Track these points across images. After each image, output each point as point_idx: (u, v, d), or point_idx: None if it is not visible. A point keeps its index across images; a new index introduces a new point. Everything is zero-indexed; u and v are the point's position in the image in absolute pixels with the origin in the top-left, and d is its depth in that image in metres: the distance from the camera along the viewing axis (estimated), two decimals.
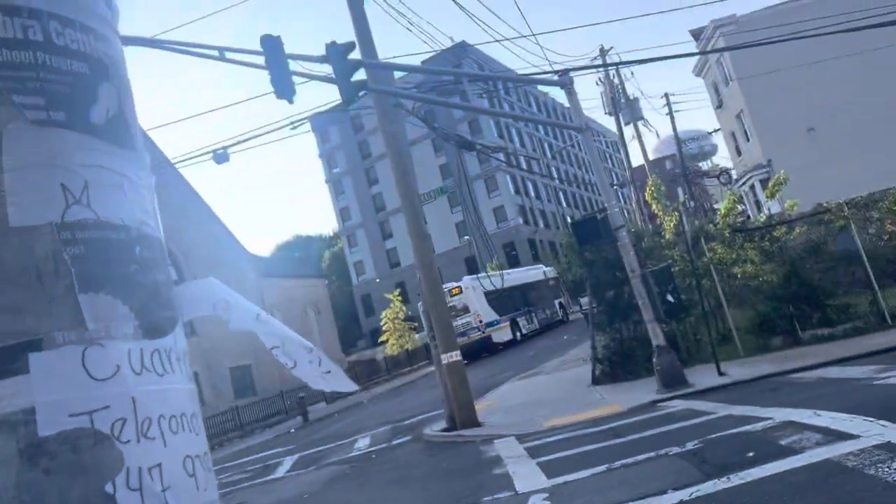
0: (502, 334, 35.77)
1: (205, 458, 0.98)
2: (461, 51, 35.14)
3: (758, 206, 32.71)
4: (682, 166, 41.86)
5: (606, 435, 9.76)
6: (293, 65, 11.45)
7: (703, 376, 12.68)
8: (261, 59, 11.18)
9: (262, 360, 37.53)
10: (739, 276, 15.49)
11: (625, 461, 7.67)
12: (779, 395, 9.96)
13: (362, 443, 15.97)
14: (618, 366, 15.27)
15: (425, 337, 27.75)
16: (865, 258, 13.91)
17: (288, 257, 77.93)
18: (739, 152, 37.65)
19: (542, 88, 73.74)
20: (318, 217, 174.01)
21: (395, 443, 14.73)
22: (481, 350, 34.65)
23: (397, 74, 22.96)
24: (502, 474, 8.85)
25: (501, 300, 35.61)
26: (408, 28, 41.16)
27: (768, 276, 14.93)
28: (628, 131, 34.19)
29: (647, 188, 20.84)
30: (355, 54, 12.22)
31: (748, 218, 25.54)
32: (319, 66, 11.80)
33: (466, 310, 34.69)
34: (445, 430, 13.92)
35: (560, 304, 43.84)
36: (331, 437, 19.52)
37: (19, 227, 0.95)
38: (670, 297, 13.23)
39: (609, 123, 37.75)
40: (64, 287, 0.92)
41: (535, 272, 43.55)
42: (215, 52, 12.06)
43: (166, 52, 12.64)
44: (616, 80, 32.20)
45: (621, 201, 58.60)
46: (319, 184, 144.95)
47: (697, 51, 33.57)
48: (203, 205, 42.36)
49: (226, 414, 31.70)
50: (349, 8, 14.92)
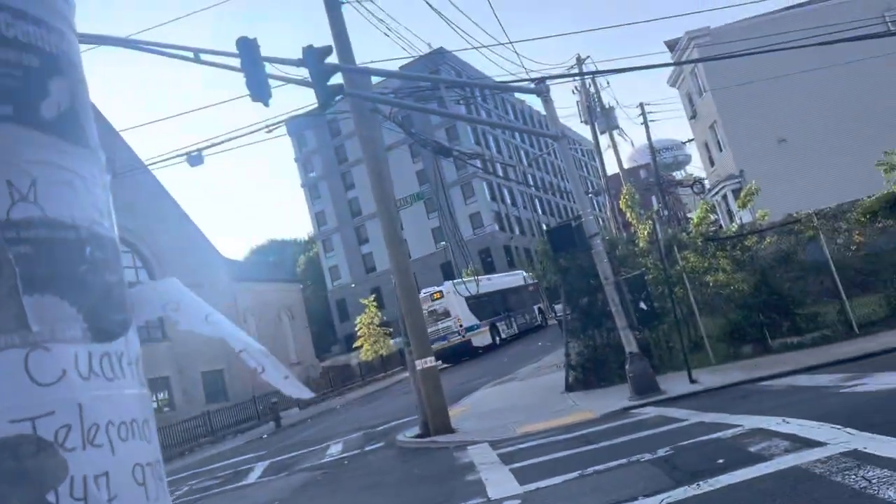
0: (482, 338, 36.04)
1: (156, 467, 0.94)
2: (439, 57, 35.27)
3: (730, 215, 33.15)
4: (657, 175, 42.32)
5: (579, 441, 9.80)
6: (269, 68, 11.36)
7: (675, 383, 12.79)
8: (237, 62, 11.09)
9: (235, 365, 37.13)
10: (711, 284, 15.66)
11: (597, 468, 7.70)
12: (749, 402, 10.08)
13: (335, 449, 15.86)
14: (591, 372, 15.34)
15: (400, 343, 27.72)
16: (834, 268, 14.16)
17: (262, 261, 77.35)
18: (712, 162, 38.11)
19: (519, 96, 74.30)
20: (294, 221, 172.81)
21: (367, 449, 14.64)
22: (461, 354, 35.04)
23: (375, 80, 22.89)
24: (475, 481, 8.83)
25: (482, 305, 36.07)
26: (385, 33, 41.18)
27: (739, 285, 15.12)
28: (604, 140, 34.50)
29: (622, 197, 21.04)
30: (332, 58, 12.18)
31: (720, 227, 25.82)
32: (296, 69, 11.75)
33: (447, 314, 35.02)
34: (419, 436, 13.87)
35: (539, 309, 44.22)
36: (303, 442, 19.36)
37: None
38: (643, 305, 13.34)
39: (585, 132, 38.08)
40: (7, 288, 0.88)
41: (515, 278, 44.00)
42: (190, 54, 11.93)
43: (140, 53, 12.48)
44: (592, 90, 32.48)
45: (596, 209, 59.12)
46: (295, 188, 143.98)
47: (672, 61, 33.97)
48: (176, 207, 41.91)
49: (197, 419, 31.29)
50: (326, 12, 14.88)
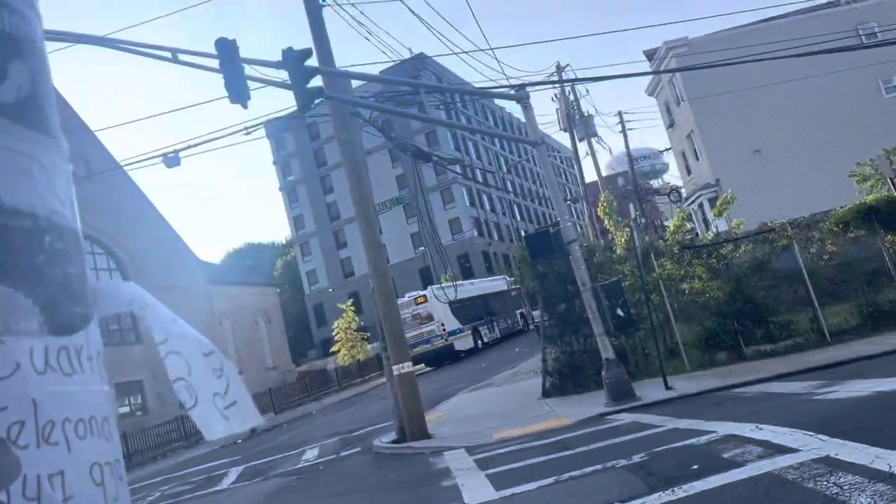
0: (464, 342, 36.40)
1: (116, 466, 0.91)
2: (419, 62, 35.28)
3: (706, 223, 33.50)
4: (634, 183, 42.74)
5: (555, 447, 9.80)
6: (249, 69, 11.29)
7: (650, 390, 12.86)
8: (215, 63, 10.99)
9: None
10: (687, 291, 15.80)
11: (572, 473, 7.70)
12: (723, 409, 10.16)
13: (310, 454, 15.72)
14: (568, 379, 15.38)
15: (377, 348, 27.60)
16: (807, 276, 14.36)
17: (239, 265, 76.68)
18: (689, 171, 38.52)
19: (499, 102, 74.50)
20: (272, 225, 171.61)
21: (343, 454, 14.53)
22: (444, 357, 35.38)
23: (355, 84, 22.84)
24: (451, 486, 8.79)
25: (465, 309, 36.59)
26: (366, 37, 41.13)
27: (715, 293, 15.28)
28: (582, 147, 34.81)
29: (600, 204, 21.16)
30: (312, 61, 12.11)
31: (697, 235, 26.10)
32: (276, 71, 11.68)
33: (431, 318, 35.32)
34: (395, 441, 13.80)
35: (521, 313, 44.51)
36: (278, 447, 19.18)
37: None
38: (620, 312, 13.41)
39: (564, 140, 38.28)
40: None
41: (498, 283, 44.39)
42: (168, 54, 11.81)
43: (118, 52, 12.32)
44: (571, 97, 32.69)
45: (574, 216, 59.48)
46: (273, 191, 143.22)
47: (650, 70, 34.32)
48: (152, 209, 41.37)
49: (171, 423, 30.85)
50: (307, 14, 14.80)
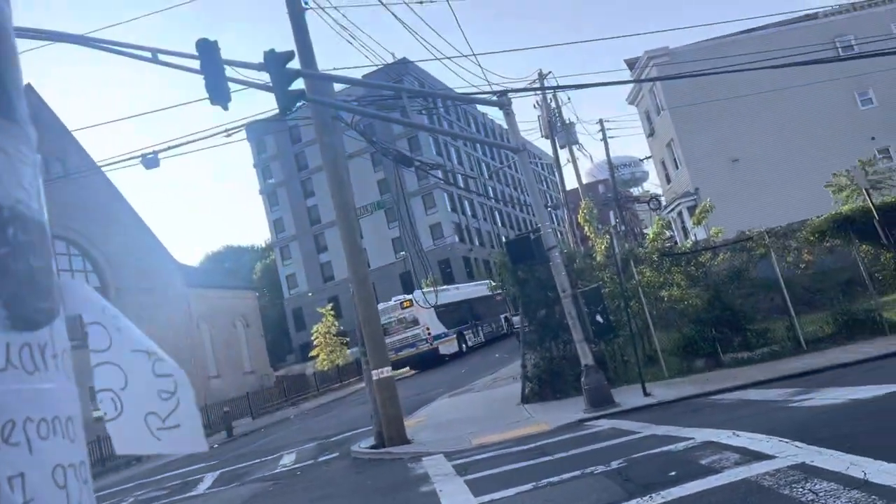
0: (449, 346, 36.59)
1: (80, 469, 0.87)
2: (402, 67, 35.28)
3: (685, 231, 33.82)
4: (615, 191, 43.07)
5: (534, 453, 9.79)
6: (230, 71, 11.20)
7: (629, 396, 12.92)
8: (196, 64, 10.89)
9: (185, 373, 36.24)
10: (666, 299, 15.91)
11: (551, 479, 7.69)
12: (700, 415, 10.23)
13: (288, 459, 15.59)
14: (547, 384, 15.40)
15: (357, 352, 27.45)
16: (783, 285, 14.53)
17: (218, 268, 76.10)
18: (669, 179, 38.87)
19: (481, 108, 74.74)
20: (251, 228, 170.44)
21: (321, 459, 14.41)
22: (429, 361, 35.51)
23: (338, 88, 22.76)
24: (429, 492, 8.74)
25: (450, 314, 36.79)
26: (349, 41, 41.05)
27: (693, 300, 15.40)
28: (563, 155, 34.93)
29: (581, 211, 21.30)
30: (294, 64, 12.05)
31: (676, 243, 26.34)
32: (257, 73, 11.59)
33: (416, 322, 35.51)
34: (374, 446, 13.72)
35: (505, 318, 44.72)
36: (255, 452, 19.00)
37: None
38: (600, 318, 13.47)
39: (545, 146, 38.56)
40: None
41: (482, 287, 44.52)
42: (148, 54, 11.69)
43: (96, 51, 12.17)
44: (553, 105, 32.89)
45: (555, 223, 59.70)
46: (253, 194, 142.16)
47: (631, 79, 34.61)
48: (130, 211, 40.91)
49: None
50: (289, 17, 14.73)
